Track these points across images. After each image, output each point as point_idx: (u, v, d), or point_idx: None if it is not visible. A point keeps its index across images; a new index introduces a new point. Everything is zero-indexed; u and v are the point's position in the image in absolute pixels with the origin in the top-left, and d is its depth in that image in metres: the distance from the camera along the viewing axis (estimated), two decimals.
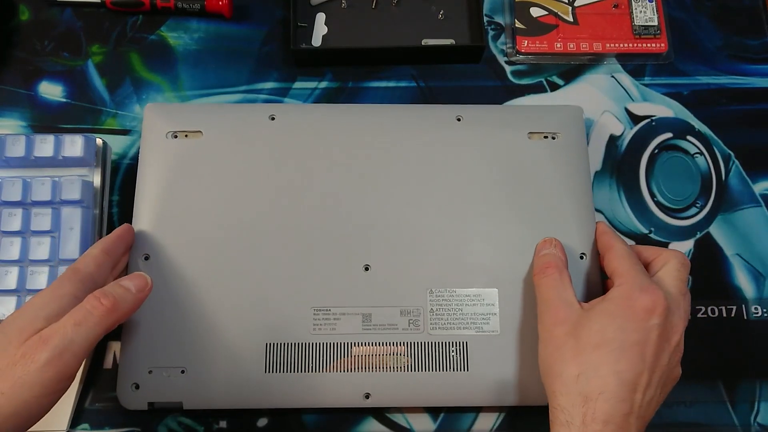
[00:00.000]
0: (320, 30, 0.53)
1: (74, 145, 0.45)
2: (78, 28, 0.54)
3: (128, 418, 0.44)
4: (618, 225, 0.50)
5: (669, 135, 0.52)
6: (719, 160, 0.52)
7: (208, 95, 0.52)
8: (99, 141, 0.47)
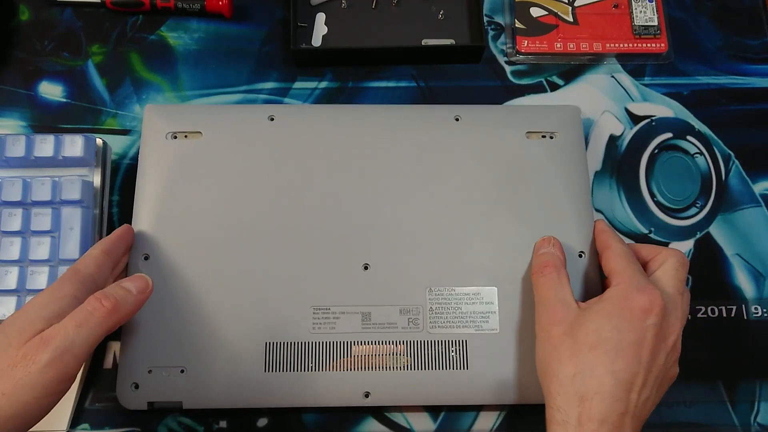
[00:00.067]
0: (320, 30, 0.53)
1: (74, 145, 0.45)
2: (78, 28, 0.54)
3: (128, 418, 0.44)
4: (618, 225, 0.50)
5: (669, 135, 0.52)
6: (719, 160, 0.52)
7: (208, 95, 0.52)
8: (99, 141, 0.47)
